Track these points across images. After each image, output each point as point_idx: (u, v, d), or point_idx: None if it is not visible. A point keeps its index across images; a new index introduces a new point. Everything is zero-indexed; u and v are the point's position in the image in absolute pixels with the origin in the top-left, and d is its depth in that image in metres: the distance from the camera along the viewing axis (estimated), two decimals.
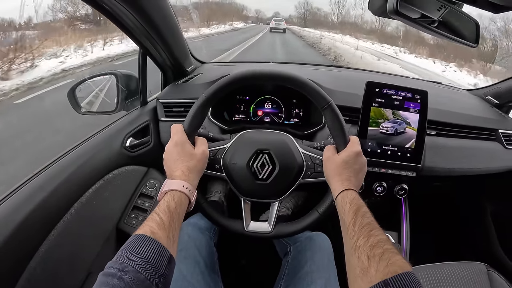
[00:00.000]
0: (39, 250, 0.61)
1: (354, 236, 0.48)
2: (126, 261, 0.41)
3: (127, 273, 0.40)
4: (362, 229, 0.48)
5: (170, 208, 0.51)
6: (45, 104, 4.08)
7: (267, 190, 0.69)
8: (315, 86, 0.65)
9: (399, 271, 0.39)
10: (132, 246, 0.43)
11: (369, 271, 0.41)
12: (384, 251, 0.43)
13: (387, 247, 0.43)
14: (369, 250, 0.44)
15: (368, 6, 0.84)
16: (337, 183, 0.60)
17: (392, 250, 0.43)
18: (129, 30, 0.78)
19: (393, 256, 0.42)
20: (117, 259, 0.42)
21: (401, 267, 0.40)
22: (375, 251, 0.43)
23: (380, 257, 0.42)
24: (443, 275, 0.89)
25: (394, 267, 0.40)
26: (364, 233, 0.47)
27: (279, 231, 0.70)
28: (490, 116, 1.10)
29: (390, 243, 0.45)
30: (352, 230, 0.49)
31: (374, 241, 0.45)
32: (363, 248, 0.45)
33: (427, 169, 0.93)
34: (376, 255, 0.43)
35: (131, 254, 0.42)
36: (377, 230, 0.48)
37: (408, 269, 0.40)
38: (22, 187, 0.64)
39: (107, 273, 0.40)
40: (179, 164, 0.59)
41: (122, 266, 0.40)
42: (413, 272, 0.40)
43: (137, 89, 0.98)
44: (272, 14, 66.41)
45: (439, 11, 0.71)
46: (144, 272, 0.41)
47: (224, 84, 0.65)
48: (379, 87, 0.88)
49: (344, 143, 0.64)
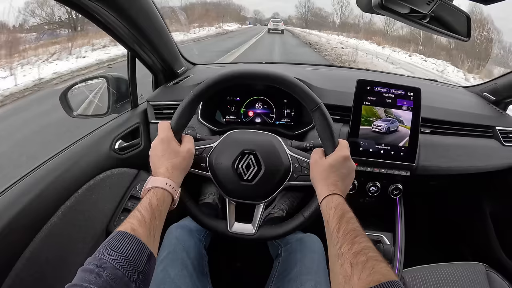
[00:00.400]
0: (26, 251, 0.62)
1: (338, 243, 0.47)
2: (104, 257, 0.41)
3: (104, 269, 0.39)
4: (346, 235, 0.47)
5: (152, 205, 0.51)
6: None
7: (252, 191, 0.68)
8: (305, 88, 0.64)
9: (383, 279, 0.38)
10: (112, 243, 0.43)
11: (352, 279, 0.40)
12: (368, 258, 0.42)
13: (371, 255, 0.42)
14: (352, 257, 0.43)
15: (356, 3, 0.83)
16: (322, 188, 0.58)
17: (376, 258, 0.42)
18: (116, 35, 0.78)
19: (377, 264, 0.41)
20: (96, 256, 0.42)
21: (385, 275, 0.39)
22: (359, 259, 0.42)
23: (363, 265, 0.41)
24: (442, 276, 0.87)
25: (377, 275, 0.39)
26: (348, 239, 0.46)
27: (263, 233, 0.69)
28: (487, 113, 1.08)
29: (375, 251, 0.44)
30: (336, 236, 0.48)
31: (358, 248, 0.44)
32: (347, 255, 0.44)
33: (421, 168, 0.91)
34: (359, 263, 0.41)
35: (110, 250, 0.42)
36: (362, 237, 0.46)
37: (392, 278, 0.39)
38: (7, 191, 0.64)
39: (85, 269, 0.40)
40: (163, 161, 0.59)
41: (100, 262, 0.40)
42: (398, 280, 0.39)
43: (127, 91, 0.98)
44: (271, 15, 65.41)
45: (429, 5, 0.70)
46: (122, 269, 0.40)
47: (213, 82, 0.64)
48: (370, 85, 0.87)
49: (332, 147, 0.62)
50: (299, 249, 0.79)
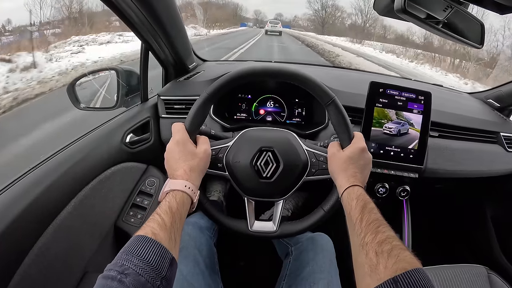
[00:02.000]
0: (35, 246, 0.59)
1: (362, 233, 0.47)
2: (126, 263, 0.40)
3: (127, 275, 0.38)
4: (369, 225, 0.47)
5: (172, 209, 0.50)
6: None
7: (271, 188, 0.68)
8: (319, 82, 0.64)
9: (408, 267, 0.38)
10: (133, 248, 0.42)
11: (378, 268, 0.41)
12: (393, 247, 0.42)
13: (395, 243, 0.43)
14: (377, 246, 0.43)
15: (373, 6, 0.84)
16: (343, 179, 0.59)
17: (400, 247, 0.42)
18: (133, 25, 0.77)
19: (402, 252, 0.41)
20: (117, 261, 0.40)
21: (410, 263, 0.39)
22: (384, 248, 0.42)
23: (388, 254, 0.41)
24: (443, 278, 0.88)
25: (403, 263, 0.39)
26: (371, 229, 0.46)
27: (284, 230, 0.69)
28: (491, 119, 1.10)
29: (398, 240, 0.44)
30: (359, 226, 0.48)
31: (382, 237, 0.44)
32: (371, 244, 0.44)
33: (429, 170, 0.93)
34: (384, 251, 0.42)
35: (132, 256, 0.41)
36: (385, 227, 0.47)
37: (417, 266, 0.39)
38: (17, 182, 0.62)
39: (106, 276, 0.38)
40: (181, 163, 0.58)
41: (122, 268, 0.39)
42: (422, 269, 0.39)
43: (137, 85, 0.97)
44: (274, 16, 59.99)
45: (445, 11, 0.71)
46: (145, 275, 0.39)
47: (226, 81, 0.63)
48: (383, 88, 0.88)
49: (348, 139, 0.63)
50: (311, 247, 0.79)
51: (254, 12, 63.92)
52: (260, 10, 66.96)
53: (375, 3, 0.83)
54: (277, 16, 60.68)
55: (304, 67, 1.29)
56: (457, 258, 1.28)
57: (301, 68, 1.22)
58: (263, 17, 61.34)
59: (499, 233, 1.17)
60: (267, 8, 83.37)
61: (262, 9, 74.52)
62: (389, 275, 0.38)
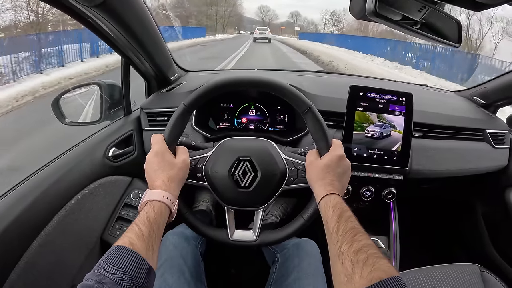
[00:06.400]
0: (20, 261, 0.60)
1: (338, 242, 0.47)
2: (103, 272, 0.41)
3: (104, 284, 0.39)
4: (345, 234, 0.47)
5: (150, 219, 0.50)
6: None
7: (250, 197, 0.68)
8: (295, 91, 0.64)
9: (384, 276, 0.38)
10: (110, 258, 0.43)
11: (353, 277, 0.41)
12: (368, 256, 0.42)
13: (371, 252, 0.43)
14: (353, 255, 0.43)
15: (349, 10, 0.85)
16: (320, 188, 0.59)
17: (376, 255, 0.42)
18: (111, 41, 0.78)
19: (378, 261, 0.41)
20: (95, 271, 0.41)
21: (386, 272, 0.39)
22: (359, 257, 0.42)
23: (364, 263, 0.41)
24: (436, 278, 0.88)
25: (378, 272, 0.39)
26: (347, 238, 0.46)
27: (264, 239, 0.69)
28: (477, 116, 1.10)
29: (374, 248, 0.44)
30: (335, 235, 0.49)
31: (358, 246, 0.44)
32: (347, 254, 0.44)
33: (414, 171, 0.93)
34: (360, 260, 0.42)
35: (109, 265, 0.42)
36: (361, 235, 0.47)
37: (393, 274, 0.39)
38: (1, 199, 0.63)
39: (84, 285, 0.39)
40: (159, 173, 0.58)
41: (100, 278, 0.40)
42: (399, 276, 0.39)
43: (120, 98, 0.97)
44: (285, 19, 54.87)
45: (420, 12, 0.71)
46: (122, 284, 0.40)
47: (203, 92, 0.64)
48: (363, 91, 0.88)
49: (326, 147, 0.63)
50: (296, 254, 0.79)
51: (259, 9, 57.20)
52: (266, 5, 59.10)
53: (350, 6, 0.83)
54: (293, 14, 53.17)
55: (286, 74, 1.29)
56: (449, 257, 1.27)
57: (284, 75, 1.24)
58: (274, 18, 54.96)
59: (490, 230, 1.16)
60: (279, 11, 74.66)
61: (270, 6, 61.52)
62: (364, 285, 0.39)
